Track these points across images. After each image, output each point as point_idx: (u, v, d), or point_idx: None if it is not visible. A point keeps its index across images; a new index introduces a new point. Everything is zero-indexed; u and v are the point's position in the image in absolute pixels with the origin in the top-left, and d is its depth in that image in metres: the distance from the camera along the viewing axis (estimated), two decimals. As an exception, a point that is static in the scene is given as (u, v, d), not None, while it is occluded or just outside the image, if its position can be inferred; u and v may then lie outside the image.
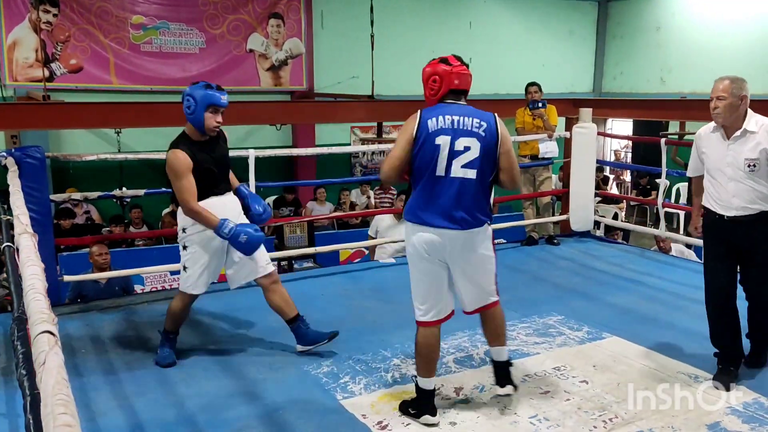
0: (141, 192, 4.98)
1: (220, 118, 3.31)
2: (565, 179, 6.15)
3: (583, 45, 12.13)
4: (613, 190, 12.18)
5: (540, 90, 5.99)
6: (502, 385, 2.97)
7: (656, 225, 5.75)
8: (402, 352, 3.58)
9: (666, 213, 5.86)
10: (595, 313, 4.15)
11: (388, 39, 9.57)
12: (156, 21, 8.68)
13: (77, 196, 5.30)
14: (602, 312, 4.19)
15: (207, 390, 3.19)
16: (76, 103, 6.95)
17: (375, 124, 9.84)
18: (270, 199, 8.99)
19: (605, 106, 8.21)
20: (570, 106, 6.49)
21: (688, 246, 6.13)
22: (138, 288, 5.84)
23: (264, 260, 3.49)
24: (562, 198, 6.36)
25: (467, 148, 2.68)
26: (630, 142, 12.97)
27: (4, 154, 4.00)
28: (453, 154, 2.67)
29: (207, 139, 3.36)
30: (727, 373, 3.14)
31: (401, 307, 3.94)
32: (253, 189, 4.81)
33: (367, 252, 6.96)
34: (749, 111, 3.10)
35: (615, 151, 13.67)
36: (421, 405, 2.84)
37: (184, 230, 3.42)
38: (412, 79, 11.79)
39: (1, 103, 7.82)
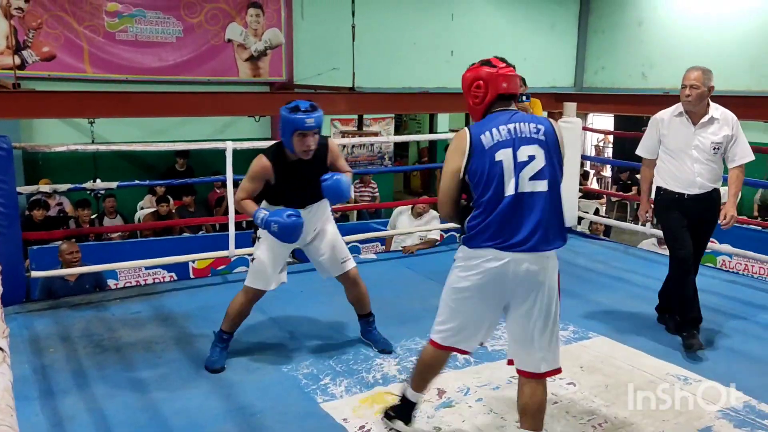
0: (114, 185, 4.82)
1: (310, 141, 3.06)
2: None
3: (565, 39, 12.09)
4: (593, 185, 12.20)
5: (524, 84, 5.90)
6: None
7: (636, 220, 5.72)
8: (384, 353, 3.47)
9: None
10: (580, 312, 4.08)
11: (369, 30, 9.41)
12: (132, 9, 8.44)
13: (46, 188, 5.10)
14: (588, 311, 4.12)
15: (181, 393, 3.06)
16: (47, 91, 6.71)
17: (355, 116, 9.70)
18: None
19: (587, 101, 8.14)
20: (552, 101, 6.41)
21: (661, 243, 6.15)
22: (111, 283, 5.67)
23: (340, 258, 3.40)
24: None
25: (532, 158, 2.32)
26: (610, 137, 13.00)
27: (-32, 144, 3.81)
28: (518, 167, 2.31)
29: (299, 159, 3.14)
30: (696, 337, 3.44)
31: (383, 305, 3.86)
32: (230, 183, 4.68)
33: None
34: (709, 100, 3.49)
35: (595, 145, 13.69)
36: (400, 411, 2.71)
37: None
38: (394, 71, 11.85)
39: (-32, 91, 7.54)
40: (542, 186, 2.32)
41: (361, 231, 6.25)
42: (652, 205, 3.80)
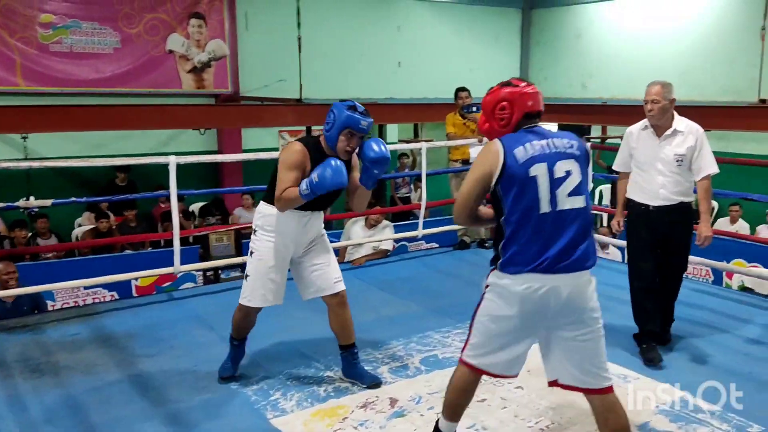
0: (48, 202, 4.62)
1: (355, 144, 2.98)
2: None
3: (508, 51, 12.35)
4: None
5: (470, 95, 6.00)
6: None
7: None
8: (335, 364, 3.43)
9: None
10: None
11: (315, 42, 9.42)
12: (66, 20, 8.18)
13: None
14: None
15: (124, 415, 2.95)
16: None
17: (304, 128, 9.65)
18: (195, 207, 8.66)
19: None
20: (498, 111, 6.52)
21: (603, 246, 6.35)
22: (48, 305, 5.44)
23: (333, 278, 3.19)
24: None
25: (569, 173, 2.23)
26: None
27: None
28: (555, 183, 2.21)
29: (335, 156, 2.98)
30: (655, 350, 3.50)
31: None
32: (174, 198, 4.57)
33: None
34: (674, 113, 3.54)
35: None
36: None
37: (255, 232, 3.17)
38: (341, 82, 11.84)
39: None
40: (580, 202, 2.24)
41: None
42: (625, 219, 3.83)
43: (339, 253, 6.17)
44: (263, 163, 9.37)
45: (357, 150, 3.03)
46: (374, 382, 3.19)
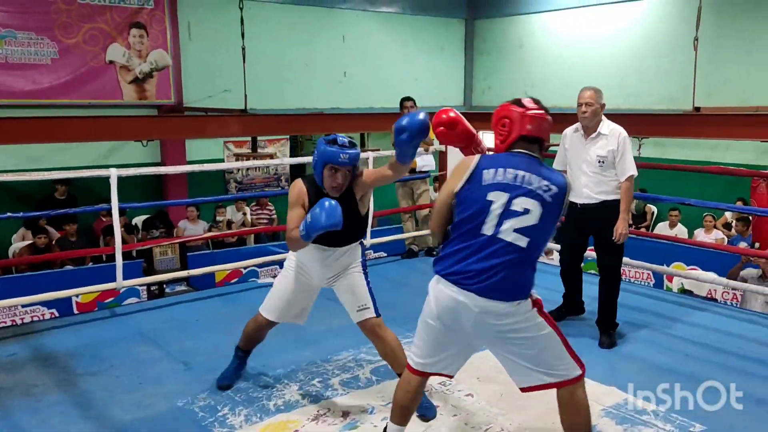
0: (-18, 218, 4.43)
1: (340, 178, 2.85)
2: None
3: (453, 60, 12.52)
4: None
5: (415, 104, 6.06)
6: None
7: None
8: (285, 377, 3.41)
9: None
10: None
11: (260, 52, 9.34)
12: (1, 30, 7.88)
13: None
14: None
15: (65, 438, 2.85)
16: None
17: (249, 138, 9.55)
18: (138, 220, 8.46)
19: (476, 120, 8.43)
20: (443, 120, 6.59)
21: (547, 252, 6.48)
22: (-16, 324, 5.21)
23: (358, 304, 3.04)
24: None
25: (526, 211, 2.25)
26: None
27: None
28: (507, 214, 2.24)
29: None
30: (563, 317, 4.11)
31: (282, 329, 3.77)
32: (115, 211, 4.46)
33: (244, 272, 6.71)
34: (604, 116, 3.86)
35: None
36: None
37: (288, 257, 3.20)
38: (287, 92, 11.74)
39: None
40: (522, 242, 2.24)
41: (259, 255, 6.12)
42: None
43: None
44: (208, 174, 9.33)
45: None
46: (425, 415, 2.95)
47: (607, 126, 3.84)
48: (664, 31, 9.70)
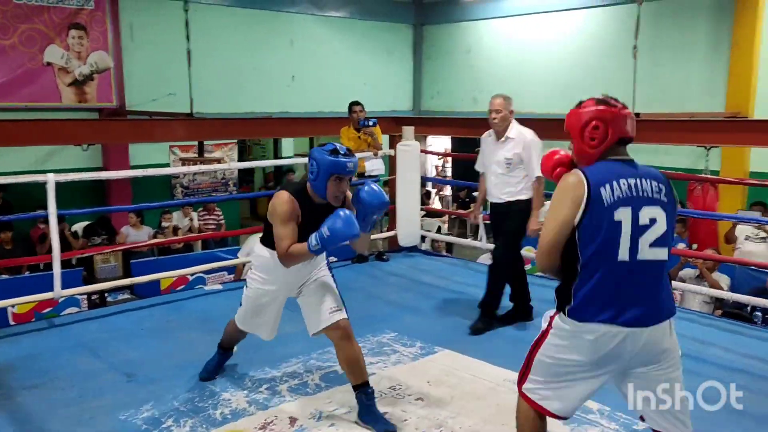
0: None
1: (344, 187, 2.88)
2: (391, 196, 6.25)
3: (401, 65, 12.60)
4: (435, 204, 12.75)
5: (363, 109, 6.06)
6: None
7: (475, 236, 6.05)
8: (232, 385, 3.34)
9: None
10: (427, 327, 4.21)
11: (206, 55, 9.20)
12: (-70, 29, 7.55)
13: None
14: (434, 326, 4.26)
15: (-2, 456, 2.72)
16: None
17: (196, 143, 9.38)
18: (79, 227, 8.18)
19: (425, 124, 8.55)
20: (393, 124, 6.64)
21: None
22: None
23: (328, 309, 2.96)
24: (389, 214, 6.47)
25: (653, 221, 2.02)
26: (449, 158, 13.72)
27: None
28: (638, 231, 2.01)
29: (325, 203, 2.89)
30: (478, 322, 4.17)
31: (229, 337, 3.70)
32: (53, 218, 4.30)
33: (191, 279, 6.57)
34: (513, 122, 4.16)
35: (436, 166, 14.36)
36: None
37: (251, 269, 3.18)
38: (235, 96, 11.61)
39: None
40: (663, 254, 2.05)
41: (206, 261, 6.00)
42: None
43: (236, 270, 6.04)
44: (153, 179, 9.10)
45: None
46: (387, 429, 2.88)
47: (515, 130, 4.14)
48: (606, 39, 10.00)
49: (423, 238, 6.88)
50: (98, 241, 7.63)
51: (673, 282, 5.58)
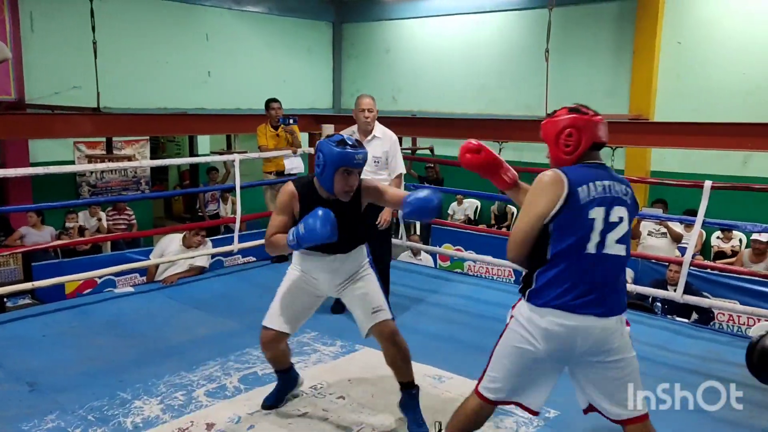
0: None
1: (353, 181, 2.68)
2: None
3: (321, 63, 12.52)
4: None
5: (281, 106, 5.97)
6: None
7: (396, 234, 6.07)
8: (145, 392, 3.19)
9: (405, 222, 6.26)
10: (347, 326, 4.15)
11: (114, 48, 8.80)
12: None
13: None
14: (354, 325, 4.16)
15: None
16: None
17: (104, 139, 8.94)
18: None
19: (345, 122, 8.50)
20: (312, 122, 6.58)
21: (416, 253, 6.67)
22: None
23: (371, 308, 2.82)
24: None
25: (621, 220, 2.15)
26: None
27: None
28: (608, 227, 2.13)
29: (334, 198, 2.71)
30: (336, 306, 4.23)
31: (143, 340, 3.58)
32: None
33: (99, 282, 6.27)
34: (376, 121, 4.27)
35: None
36: None
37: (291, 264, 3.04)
38: (146, 90, 11.18)
39: None
40: (623, 251, 2.17)
41: (116, 263, 5.73)
42: None
43: (148, 271, 5.79)
44: (55, 177, 8.61)
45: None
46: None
47: (380, 130, 4.25)
48: (520, 42, 10.32)
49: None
50: (-5, 243, 7.14)
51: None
